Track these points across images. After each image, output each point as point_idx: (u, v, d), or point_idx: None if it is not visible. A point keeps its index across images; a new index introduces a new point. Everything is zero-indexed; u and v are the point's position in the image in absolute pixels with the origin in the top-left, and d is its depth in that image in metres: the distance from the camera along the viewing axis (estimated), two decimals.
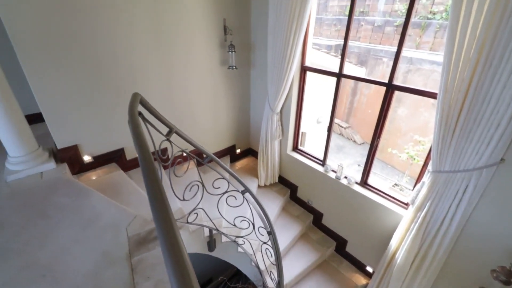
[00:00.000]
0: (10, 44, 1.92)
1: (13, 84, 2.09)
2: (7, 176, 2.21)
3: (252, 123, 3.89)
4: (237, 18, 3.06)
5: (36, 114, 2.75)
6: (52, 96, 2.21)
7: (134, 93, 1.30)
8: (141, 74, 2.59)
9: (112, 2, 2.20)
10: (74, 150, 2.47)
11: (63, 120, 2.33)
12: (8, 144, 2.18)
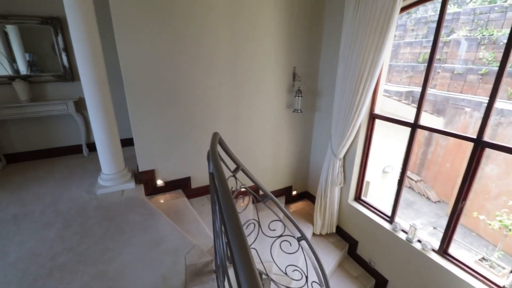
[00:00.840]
0: (122, 82, 2.41)
1: (116, 114, 2.57)
2: (97, 190, 2.61)
3: (312, 166, 3.82)
4: (307, 65, 3.23)
5: (128, 139, 3.28)
6: (143, 126, 2.61)
7: (214, 133, 1.45)
8: (213, 112, 2.89)
9: (195, 54, 2.61)
10: (151, 174, 2.80)
11: (148, 147, 2.70)
12: (104, 162, 2.61)
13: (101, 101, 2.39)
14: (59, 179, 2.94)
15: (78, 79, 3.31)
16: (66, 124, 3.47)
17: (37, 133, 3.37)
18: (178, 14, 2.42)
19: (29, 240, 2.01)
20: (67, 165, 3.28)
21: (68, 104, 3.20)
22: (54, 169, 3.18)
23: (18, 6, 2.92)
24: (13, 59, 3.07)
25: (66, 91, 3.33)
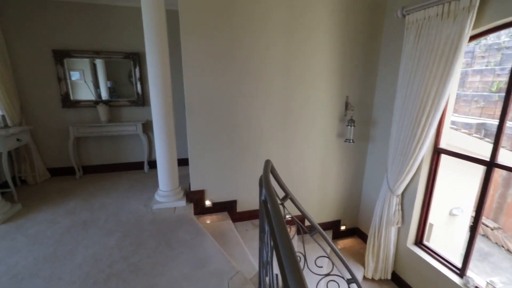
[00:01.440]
0: (183, 106, 2.66)
1: (176, 135, 2.82)
2: (154, 204, 2.82)
3: (364, 200, 3.54)
4: (360, 94, 3.15)
5: (182, 159, 3.53)
6: (199, 148, 2.80)
7: (266, 161, 1.47)
8: (263, 138, 2.95)
9: (252, 85, 2.76)
10: (201, 194, 2.93)
11: (200, 168, 2.86)
12: (162, 179, 2.83)
13: (165, 125, 2.66)
14: (122, 191, 3.27)
15: (147, 104, 3.79)
16: (133, 143, 3.93)
17: (109, 149, 3.87)
18: (239, 50, 2.63)
19: (93, 245, 2.23)
20: (130, 179, 3.64)
21: (137, 125, 3.64)
22: (119, 182, 3.56)
23: (108, 44, 3.55)
24: (98, 86, 3.69)
25: (136, 115, 3.81)
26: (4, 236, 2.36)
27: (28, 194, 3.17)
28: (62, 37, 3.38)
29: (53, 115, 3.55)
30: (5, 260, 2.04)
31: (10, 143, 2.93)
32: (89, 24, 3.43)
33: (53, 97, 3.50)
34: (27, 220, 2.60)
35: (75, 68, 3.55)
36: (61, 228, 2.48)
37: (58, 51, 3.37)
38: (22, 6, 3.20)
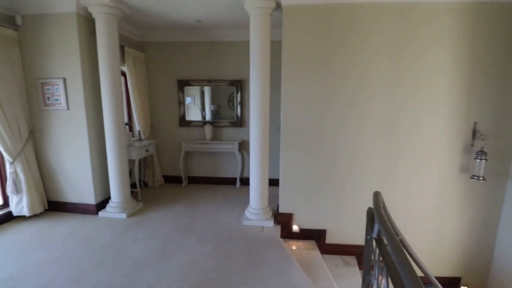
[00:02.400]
0: (278, 126, 2.73)
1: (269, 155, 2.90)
2: (243, 220, 2.93)
3: (499, 257, 2.69)
4: (494, 121, 2.51)
5: (272, 179, 3.60)
6: (290, 170, 2.79)
7: (376, 193, 1.31)
8: (361, 166, 2.69)
9: (348, 105, 2.59)
10: (289, 218, 2.86)
11: (290, 190, 2.83)
12: (253, 197, 2.94)
13: (261, 145, 2.79)
14: (217, 203, 3.56)
15: (244, 125, 4.11)
16: (228, 160, 4.30)
17: (209, 164, 4.35)
18: (336, 73, 2.58)
19: (192, 249, 2.46)
20: (224, 193, 3.95)
21: (234, 144, 3.98)
22: (215, 194, 3.92)
23: (217, 73, 4.11)
24: (204, 109, 4.29)
25: (234, 134, 4.19)
26: (130, 227, 2.90)
27: (148, 195, 3.85)
28: (185, 69, 4.14)
29: (172, 132, 4.30)
30: (130, 248, 2.48)
31: (141, 152, 3.68)
32: (204, 58, 4.09)
33: (174, 117, 4.26)
34: (146, 217, 3.14)
35: (189, 94, 4.25)
36: (168, 228, 2.86)
37: (181, 80, 4.13)
38: (161, 48, 4.13)
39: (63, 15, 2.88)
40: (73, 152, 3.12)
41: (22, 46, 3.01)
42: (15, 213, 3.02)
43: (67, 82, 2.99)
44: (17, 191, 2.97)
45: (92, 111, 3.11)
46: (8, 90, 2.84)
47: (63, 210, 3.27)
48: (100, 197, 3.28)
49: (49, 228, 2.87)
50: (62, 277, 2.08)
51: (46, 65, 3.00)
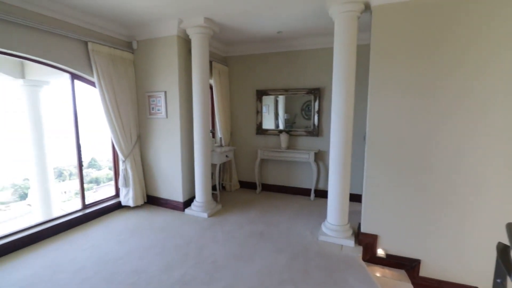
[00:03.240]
0: (363, 136, 2.49)
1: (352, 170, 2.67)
2: (320, 235, 2.77)
3: None
4: None
5: (354, 194, 3.32)
6: (375, 185, 2.50)
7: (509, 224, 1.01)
8: (469, 187, 2.20)
9: (451, 114, 2.15)
10: (373, 239, 2.56)
11: (375, 208, 2.53)
12: (331, 212, 2.75)
13: (342, 157, 2.61)
14: (291, 213, 3.50)
15: (321, 135, 3.95)
16: (303, 170, 4.19)
17: (283, 173, 4.34)
18: (436, 73, 2.20)
19: (267, 257, 2.45)
20: (297, 203, 3.86)
21: (310, 154, 3.87)
22: (289, 203, 3.87)
23: (295, 82, 4.10)
24: (277, 117, 4.34)
25: (310, 144, 4.07)
26: (211, 226, 3.11)
27: (225, 198, 4.09)
28: (263, 80, 4.29)
29: (249, 140, 4.50)
30: (210, 246, 2.65)
31: (222, 158, 3.95)
32: (283, 67, 4.15)
33: (251, 126, 4.45)
34: (224, 219, 3.32)
35: (264, 104, 4.37)
36: (245, 232, 2.94)
37: (259, 90, 4.30)
38: (242, 61, 4.40)
39: (166, 38, 3.38)
40: (168, 154, 3.59)
41: (136, 66, 3.67)
42: (123, 203, 3.65)
43: (167, 95, 3.48)
44: (126, 185, 3.59)
45: (184, 119, 3.52)
46: (125, 102, 3.50)
47: (157, 204, 3.78)
48: (187, 196, 3.65)
49: (147, 219, 3.34)
50: (156, 264, 2.36)
51: (152, 81, 3.57)
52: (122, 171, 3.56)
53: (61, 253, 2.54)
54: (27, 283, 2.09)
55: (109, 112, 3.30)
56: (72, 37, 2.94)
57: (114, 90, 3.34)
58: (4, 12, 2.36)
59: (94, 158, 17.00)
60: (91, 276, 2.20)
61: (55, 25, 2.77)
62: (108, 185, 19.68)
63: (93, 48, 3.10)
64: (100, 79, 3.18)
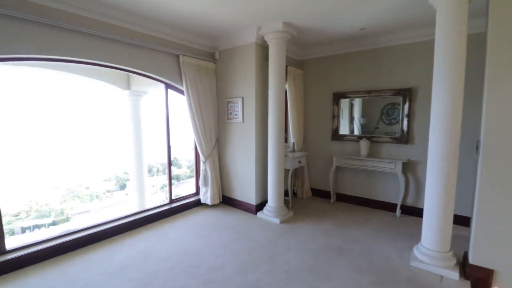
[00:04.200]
0: (471, 147, 2.00)
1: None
2: (411, 260, 2.35)
3: None
4: None
5: (460, 216, 2.75)
6: (492, 208, 1.98)
7: None
8: None
9: None
10: (487, 274, 2.03)
11: (491, 237, 2.00)
12: (427, 234, 2.31)
13: (445, 170, 2.16)
14: (372, 229, 3.12)
15: (412, 142, 3.43)
16: (387, 181, 3.71)
17: (362, 183, 3.94)
18: None
19: (346, 277, 2.21)
20: (380, 220, 3.43)
21: (397, 164, 3.39)
22: (369, 218, 3.47)
23: (378, 83, 3.68)
24: (351, 122, 4.02)
25: (396, 152, 3.58)
26: (283, 233, 3.04)
27: (296, 205, 3.96)
28: (341, 82, 4.01)
29: (323, 145, 4.27)
30: (284, 254, 2.57)
31: (295, 163, 3.85)
32: (364, 67, 3.79)
33: (326, 131, 4.21)
34: (296, 227, 3.20)
35: (340, 107, 4.07)
36: (319, 245, 2.76)
37: (337, 93, 4.04)
38: (318, 63, 4.23)
39: (245, 46, 3.51)
40: (243, 158, 3.70)
41: (217, 74, 3.94)
42: (202, 200, 3.93)
43: (244, 100, 3.61)
44: (205, 184, 3.86)
45: (259, 124, 3.57)
46: (208, 108, 3.78)
47: (232, 204, 3.94)
48: (259, 199, 3.68)
49: (223, 218, 3.50)
50: (231, 264, 2.42)
51: (231, 87, 3.76)
52: (202, 171, 3.85)
53: (152, 241, 2.87)
54: (124, 265, 2.43)
55: (194, 117, 3.62)
56: (167, 52, 3.35)
57: (199, 97, 3.65)
58: (117, 33, 2.85)
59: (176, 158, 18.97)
60: (175, 265, 2.40)
61: (154, 42, 3.20)
62: (186, 182, 21.87)
63: (183, 60, 3.46)
64: (188, 88, 3.53)
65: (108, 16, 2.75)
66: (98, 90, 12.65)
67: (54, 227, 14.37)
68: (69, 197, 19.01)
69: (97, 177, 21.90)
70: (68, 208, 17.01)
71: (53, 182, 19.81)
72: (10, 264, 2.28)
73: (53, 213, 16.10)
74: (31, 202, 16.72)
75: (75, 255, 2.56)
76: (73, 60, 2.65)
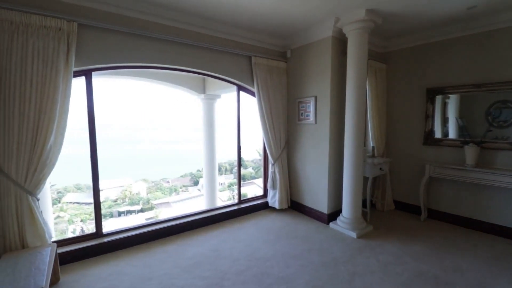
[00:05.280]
0: None
1: None
2: None
3: None
4: None
5: None
6: None
7: None
8: None
9: None
10: None
11: None
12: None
13: None
14: (483, 259, 2.44)
15: None
16: (504, 200, 2.88)
17: (467, 199, 3.17)
18: None
19: None
20: (492, 247, 2.68)
21: None
22: (475, 244, 2.75)
23: (495, 75, 2.89)
24: (444, 123, 3.33)
25: None
26: (361, 250, 2.65)
27: (376, 218, 3.46)
28: (438, 75, 3.33)
29: (412, 151, 3.62)
30: (363, 276, 2.21)
31: (375, 171, 3.37)
32: (471, 56, 3.04)
33: (416, 133, 3.57)
34: (378, 245, 2.75)
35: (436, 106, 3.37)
36: (410, 271, 2.28)
37: (432, 89, 3.36)
38: (407, 54, 3.62)
39: (320, 42, 3.25)
40: (314, 161, 3.44)
41: (288, 74, 3.78)
42: (270, 204, 3.82)
43: (317, 99, 3.35)
44: (274, 187, 3.74)
45: (334, 125, 3.25)
46: (278, 109, 3.67)
47: (301, 211, 3.71)
48: (332, 208, 3.35)
49: (291, 225, 3.30)
50: (302, 278, 2.20)
51: (303, 86, 3.55)
52: (270, 174, 3.74)
53: (222, 240, 2.89)
54: (197, 261, 2.48)
55: (264, 118, 3.55)
56: (241, 54, 3.37)
57: (269, 98, 3.57)
58: (199, 40, 3.00)
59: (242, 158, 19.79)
60: (244, 270, 2.33)
61: (230, 45, 3.26)
62: (251, 183, 22.52)
63: (255, 62, 3.44)
64: (259, 89, 3.49)
65: (192, 24, 2.93)
66: (179, 96, 14.75)
67: (142, 213, 16.74)
68: (153, 189, 21.93)
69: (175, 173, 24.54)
70: (152, 198, 19.60)
71: (142, 176, 23.18)
72: (105, 247, 2.60)
73: (141, 201, 18.79)
74: (125, 191, 19.91)
75: (154, 245, 2.77)
76: (162, 67, 2.90)
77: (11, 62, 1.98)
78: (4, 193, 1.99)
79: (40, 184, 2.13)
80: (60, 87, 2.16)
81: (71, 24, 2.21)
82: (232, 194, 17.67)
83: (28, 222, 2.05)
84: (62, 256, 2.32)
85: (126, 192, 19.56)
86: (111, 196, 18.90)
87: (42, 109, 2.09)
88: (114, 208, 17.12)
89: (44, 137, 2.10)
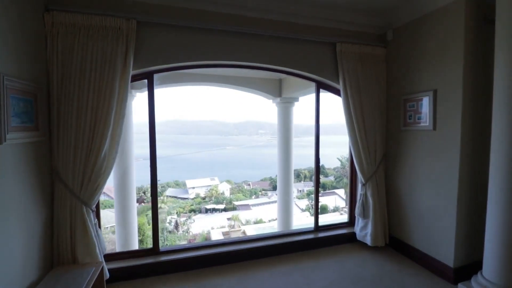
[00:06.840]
0: None
1: None
2: None
3: None
4: None
5: None
6: None
7: None
8: None
9: None
10: None
11: None
12: None
13: None
14: None
15: None
16: None
17: None
18: None
19: None
20: None
21: None
22: None
23: None
24: None
25: None
26: None
27: None
28: None
29: None
30: None
31: None
32: None
33: None
34: None
35: None
36: None
37: None
38: None
39: (444, 9, 2.18)
40: (431, 184, 2.34)
41: (388, 63, 2.80)
42: (358, 237, 2.87)
43: (437, 95, 2.26)
44: (364, 215, 2.79)
45: (468, 131, 2.11)
46: (372, 110, 2.73)
47: (406, 254, 2.62)
48: (462, 259, 2.18)
49: (394, 275, 2.30)
50: None
51: (411, 78, 2.52)
52: (360, 196, 2.82)
53: (290, 282, 2.21)
54: None
55: (352, 122, 2.69)
56: (322, 41, 2.64)
57: (360, 96, 2.68)
58: (271, 28, 2.45)
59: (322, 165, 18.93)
60: None
61: (309, 32, 2.60)
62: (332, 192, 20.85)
63: (341, 49, 2.64)
64: (345, 84, 2.66)
65: (261, 10, 2.42)
66: (254, 100, 15.54)
67: (225, 212, 17.73)
68: (236, 190, 23.11)
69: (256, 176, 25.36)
70: (234, 199, 20.62)
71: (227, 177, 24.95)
72: (161, 266, 2.32)
73: (225, 201, 20.02)
74: (212, 190, 21.64)
75: (208, 275, 2.32)
76: (230, 64, 2.53)
77: (72, 66, 1.90)
78: (61, 202, 1.91)
79: (95, 195, 1.99)
80: (116, 91, 1.98)
81: (129, 22, 2.02)
82: (311, 203, 16.65)
83: (80, 236, 1.92)
84: (113, 272, 2.12)
85: (213, 191, 21.28)
86: (201, 194, 20.93)
87: (98, 114, 1.94)
88: (202, 205, 18.82)
89: (99, 144, 1.94)
